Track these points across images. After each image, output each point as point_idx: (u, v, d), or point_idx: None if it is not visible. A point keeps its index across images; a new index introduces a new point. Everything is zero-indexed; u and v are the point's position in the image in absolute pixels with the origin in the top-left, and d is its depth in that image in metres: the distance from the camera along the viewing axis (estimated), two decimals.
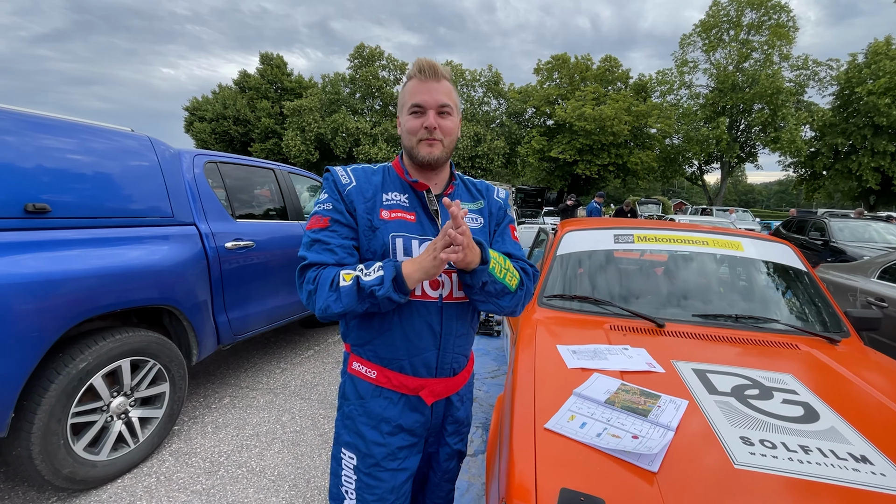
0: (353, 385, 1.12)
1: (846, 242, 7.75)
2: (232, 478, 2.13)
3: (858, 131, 21.85)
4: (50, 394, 1.78)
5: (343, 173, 1.07)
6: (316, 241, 1.02)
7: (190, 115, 33.74)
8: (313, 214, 1.05)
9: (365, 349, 1.09)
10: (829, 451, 1.03)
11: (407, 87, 1.05)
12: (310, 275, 0.99)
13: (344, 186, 1.05)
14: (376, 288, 0.93)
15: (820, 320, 1.93)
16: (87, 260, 1.93)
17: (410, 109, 1.03)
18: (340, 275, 0.95)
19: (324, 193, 1.06)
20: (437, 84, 1.03)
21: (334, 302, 0.94)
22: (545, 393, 1.29)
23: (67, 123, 2.05)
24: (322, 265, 1.00)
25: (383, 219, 1.04)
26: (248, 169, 3.26)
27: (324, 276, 0.97)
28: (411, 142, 1.04)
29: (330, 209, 1.04)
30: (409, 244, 1.04)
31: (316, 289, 0.97)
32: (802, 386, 1.35)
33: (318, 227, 1.03)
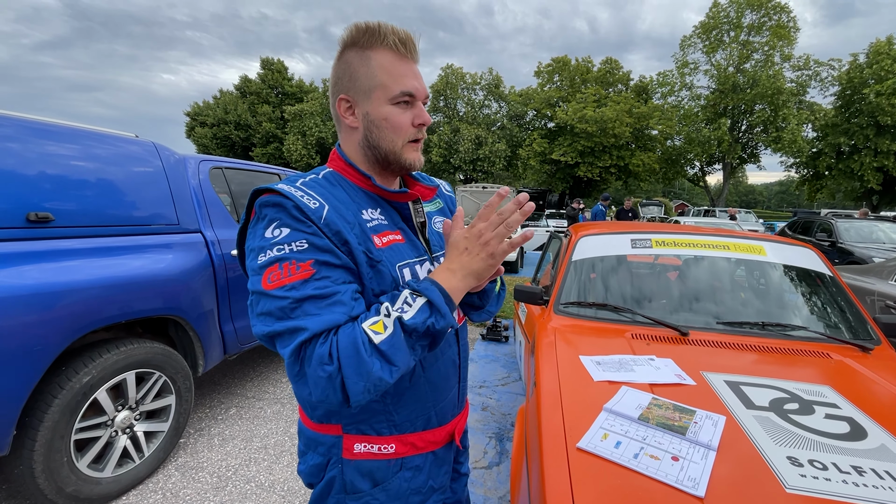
0: (358, 473, 0.81)
1: (853, 243, 7.68)
2: (241, 493, 2.07)
3: (861, 131, 21.80)
4: (53, 409, 1.72)
5: (302, 193, 0.70)
6: (303, 299, 0.64)
7: (191, 121, 33.85)
8: (271, 263, 0.66)
9: (373, 423, 0.81)
10: (885, 473, 0.97)
11: (380, 64, 0.74)
12: (320, 351, 0.63)
13: (317, 213, 0.69)
14: (431, 321, 0.66)
15: (849, 327, 1.87)
16: (90, 270, 1.87)
17: (397, 98, 0.75)
18: (365, 330, 0.64)
19: (278, 228, 0.68)
20: (417, 66, 0.79)
21: (382, 369, 0.63)
22: (573, 408, 1.23)
23: (70, 129, 2.00)
24: (332, 330, 0.65)
25: (381, 247, 0.77)
26: (254, 174, 3.20)
27: (344, 343, 0.63)
28: (395, 144, 0.77)
29: (306, 249, 0.67)
30: (415, 273, 0.80)
31: (340, 367, 0.62)
32: (843, 399, 1.29)
33: (296, 279, 0.65)
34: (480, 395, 3.19)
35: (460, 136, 26.89)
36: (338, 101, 0.78)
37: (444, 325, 0.68)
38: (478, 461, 2.37)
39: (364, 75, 0.75)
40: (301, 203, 0.69)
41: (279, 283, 0.65)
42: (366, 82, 0.75)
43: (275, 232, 0.68)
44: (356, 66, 0.75)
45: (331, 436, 0.82)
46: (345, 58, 0.77)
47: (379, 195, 0.82)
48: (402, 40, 0.75)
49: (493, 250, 0.70)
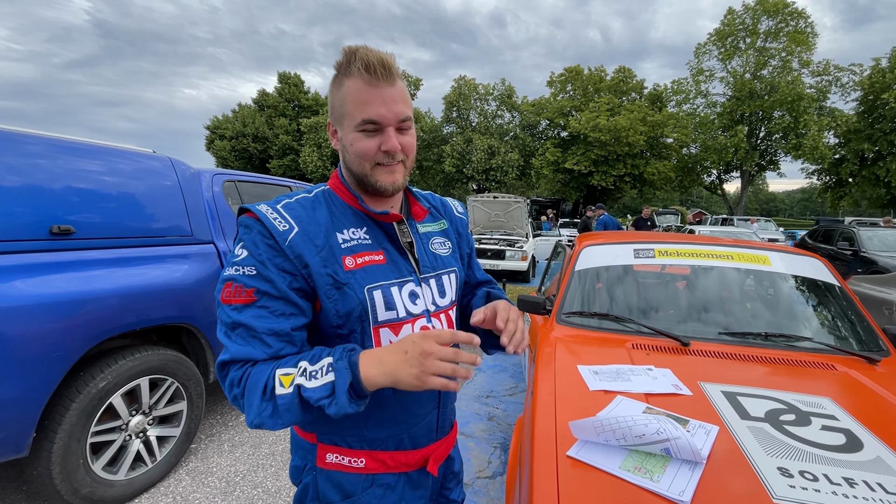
0: (329, 483, 0.84)
1: (877, 252, 7.46)
2: (248, 498, 2.11)
3: (885, 137, 21.21)
4: (71, 413, 1.79)
5: (276, 215, 0.76)
6: (238, 324, 0.71)
7: (211, 134, 34.83)
8: (226, 280, 0.73)
9: (344, 435, 0.83)
10: (877, 485, 0.96)
11: (349, 91, 0.76)
12: (234, 374, 0.71)
13: (283, 235, 0.74)
14: (325, 402, 0.67)
15: (856, 338, 1.83)
16: (109, 279, 1.96)
17: (360, 126, 0.76)
18: (276, 377, 0.68)
19: (241, 248, 0.74)
20: (391, 89, 0.77)
21: (269, 417, 0.68)
22: (566, 417, 1.24)
23: (90, 146, 2.11)
24: (249, 361, 0.72)
25: (350, 269, 0.78)
26: (266, 187, 3.30)
27: (253, 379, 0.69)
28: (363, 167, 0.79)
29: (254, 275, 0.72)
30: (389, 295, 0.81)
31: (244, 393, 0.69)
32: (842, 410, 1.27)
33: (238, 301, 0.72)
34: (487, 405, 3.20)
35: (473, 146, 27.04)
36: (329, 129, 0.84)
37: (335, 412, 0.67)
38: (482, 471, 2.38)
39: (338, 102, 0.79)
40: (270, 226, 0.74)
41: (228, 300, 0.73)
42: (339, 109, 0.79)
43: (239, 251, 0.75)
44: (334, 93, 0.79)
45: (308, 442, 0.87)
46: (333, 85, 0.80)
47: (366, 214, 0.84)
48: (368, 66, 0.74)
49: (426, 372, 0.66)
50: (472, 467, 2.40)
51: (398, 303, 0.82)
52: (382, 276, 0.81)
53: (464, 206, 1.11)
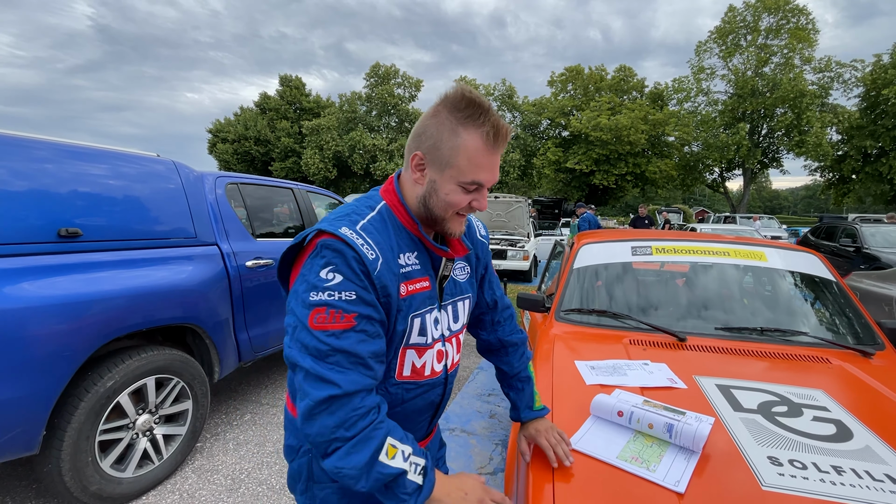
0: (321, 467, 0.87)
1: (880, 249, 7.45)
2: (253, 495, 2.15)
3: (888, 133, 21.15)
4: (79, 412, 1.83)
5: (362, 242, 0.75)
6: (338, 350, 0.71)
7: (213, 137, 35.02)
8: (320, 304, 0.71)
9: None
10: (864, 472, 0.98)
11: (466, 145, 0.76)
12: (343, 415, 0.69)
13: (373, 264, 0.75)
14: (403, 494, 0.72)
15: (852, 332, 1.85)
16: (116, 281, 2.00)
17: (467, 184, 0.79)
18: (386, 445, 0.71)
19: (333, 273, 0.72)
20: (499, 156, 0.81)
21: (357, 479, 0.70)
22: (563, 410, 1.27)
23: (96, 151, 2.15)
24: (361, 392, 0.72)
25: (403, 296, 0.81)
26: (268, 189, 3.35)
27: (370, 432, 0.71)
28: (445, 214, 0.82)
29: (353, 300, 0.72)
30: (424, 322, 0.85)
31: (354, 443, 0.70)
32: (834, 402, 1.30)
33: (337, 327, 0.71)
34: (489, 403, 3.23)
35: None
36: (412, 155, 0.82)
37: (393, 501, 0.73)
38: (483, 467, 2.41)
39: (447, 148, 0.78)
40: (362, 254, 0.74)
41: (322, 326, 0.71)
42: (446, 155, 0.78)
43: (329, 275, 0.72)
44: (443, 136, 0.78)
45: None
46: (439, 118, 0.78)
47: (421, 241, 0.86)
48: (497, 134, 0.77)
49: None
50: (474, 464, 2.43)
51: (429, 329, 0.87)
52: (423, 305, 0.86)
53: (486, 228, 1.13)
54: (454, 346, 0.96)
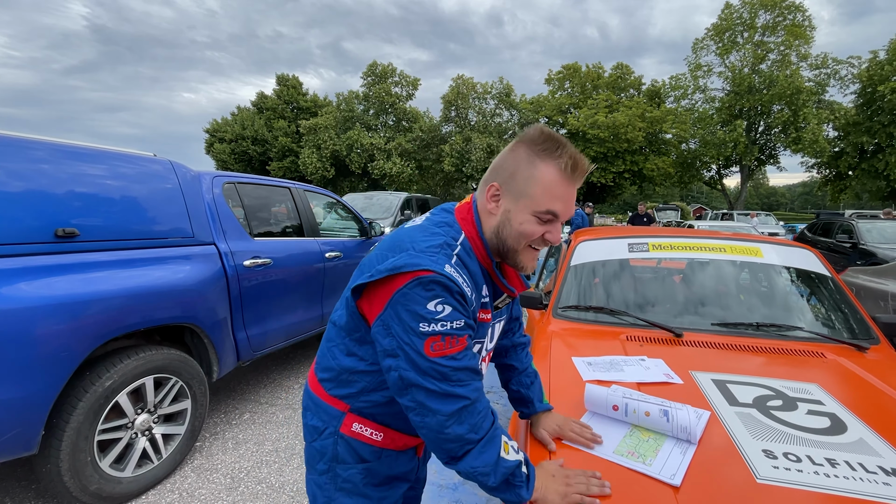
0: (349, 448, 0.95)
1: (876, 244, 7.48)
2: (252, 494, 2.15)
3: (884, 129, 21.20)
4: (78, 411, 1.83)
5: (461, 279, 0.82)
6: (460, 369, 0.80)
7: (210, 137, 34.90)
8: (434, 334, 0.78)
9: (375, 415, 0.96)
10: (858, 465, 0.99)
11: (543, 176, 0.82)
12: (471, 421, 0.80)
13: (470, 301, 0.84)
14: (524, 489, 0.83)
15: (847, 327, 1.87)
16: (113, 281, 2.00)
17: (542, 214, 0.83)
18: (503, 441, 0.83)
19: (442, 305, 0.79)
20: (575, 189, 0.85)
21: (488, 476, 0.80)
22: (560, 407, 1.28)
23: (93, 151, 2.15)
24: (481, 397, 0.83)
25: (479, 322, 0.91)
26: (265, 188, 3.34)
27: (493, 433, 0.82)
28: (518, 244, 0.86)
29: (462, 326, 0.81)
30: (479, 346, 0.95)
31: (483, 444, 0.80)
32: (828, 396, 1.31)
33: (455, 351, 0.80)
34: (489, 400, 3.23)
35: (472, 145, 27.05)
36: (488, 186, 0.88)
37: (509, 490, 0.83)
38: None
39: (523, 179, 0.83)
40: (463, 290, 0.81)
41: (441, 353, 0.79)
42: (522, 186, 0.84)
43: (438, 307, 0.79)
44: (520, 167, 0.84)
45: (336, 409, 0.96)
46: (517, 152, 0.85)
47: (492, 277, 0.93)
48: (576, 167, 0.82)
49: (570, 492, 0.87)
50: None
51: (481, 351, 0.97)
52: (483, 334, 0.95)
53: None
54: (486, 363, 1.06)
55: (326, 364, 0.99)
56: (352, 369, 0.94)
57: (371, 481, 0.97)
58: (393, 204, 9.34)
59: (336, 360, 0.97)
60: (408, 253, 0.82)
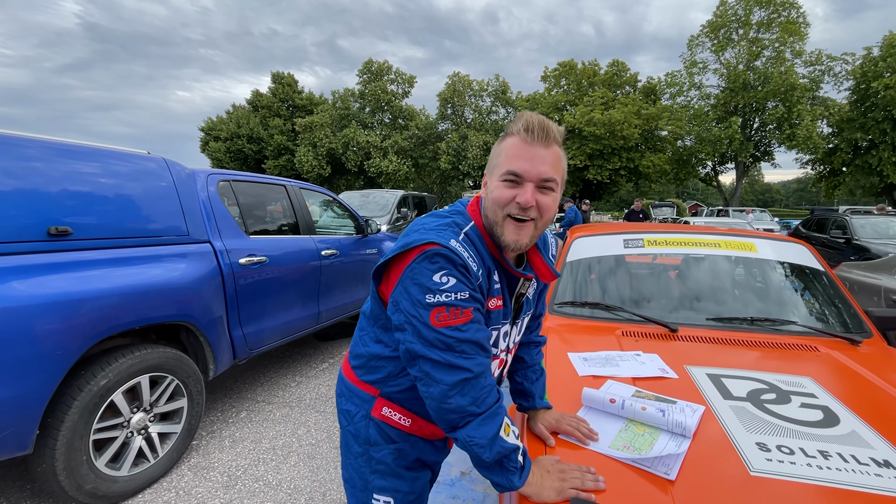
0: (380, 430, 1.01)
1: (869, 240, 7.53)
2: (249, 491, 2.15)
3: (877, 125, 21.33)
4: (73, 411, 1.83)
5: (466, 254, 0.85)
6: (464, 341, 0.81)
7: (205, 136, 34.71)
8: (439, 305, 0.81)
9: (403, 400, 1.01)
10: (850, 457, 1.00)
11: (506, 145, 0.88)
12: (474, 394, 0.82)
13: (475, 275, 0.86)
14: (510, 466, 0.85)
15: (840, 321, 1.88)
16: (107, 279, 1.99)
17: (504, 176, 0.86)
18: (504, 423, 0.85)
19: (446, 277, 0.82)
20: (544, 150, 0.85)
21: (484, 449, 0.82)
22: (556, 402, 1.28)
23: (86, 149, 2.13)
24: (485, 372, 0.84)
25: (489, 309, 0.93)
26: (261, 186, 3.33)
27: (496, 409, 0.84)
28: (496, 215, 0.88)
29: (467, 298, 0.82)
30: (497, 337, 0.98)
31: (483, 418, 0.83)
32: (822, 389, 1.32)
33: (460, 322, 0.81)
34: None
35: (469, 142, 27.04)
36: (483, 176, 0.96)
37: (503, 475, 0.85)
38: None
39: (495, 155, 0.91)
40: (467, 263, 0.84)
41: (446, 323, 0.81)
42: (494, 161, 0.90)
43: (443, 279, 0.82)
44: (495, 148, 0.92)
45: (368, 394, 1.03)
46: (498, 141, 0.92)
47: (502, 263, 0.94)
48: (528, 127, 0.85)
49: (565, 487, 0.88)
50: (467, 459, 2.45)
51: (500, 342, 1.00)
52: (497, 321, 0.96)
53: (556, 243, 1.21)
54: (512, 353, 1.09)
55: (357, 352, 1.05)
56: (379, 355, 1.00)
57: (402, 463, 1.02)
58: (389, 202, 9.32)
59: (366, 348, 1.03)
60: (418, 232, 0.88)
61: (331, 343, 4.53)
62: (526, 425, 1.19)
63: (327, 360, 4.05)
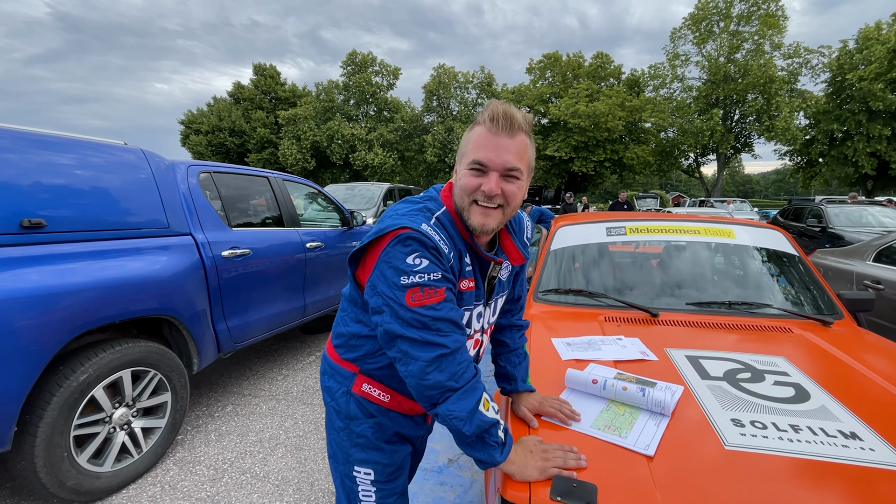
0: (359, 405, 1.06)
1: (843, 228, 7.75)
2: (236, 484, 2.15)
3: (853, 117, 21.89)
4: (52, 406, 1.79)
5: (439, 238, 0.89)
6: (439, 319, 0.85)
7: (186, 129, 33.88)
8: (413, 286, 0.84)
9: (382, 377, 1.05)
10: (819, 430, 1.05)
11: (473, 135, 0.91)
12: (451, 369, 0.85)
13: (446, 256, 0.89)
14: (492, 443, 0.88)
15: (813, 303, 1.95)
16: (84, 273, 1.95)
17: (470, 165, 0.89)
18: (483, 398, 0.88)
19: (418, 258, 0.85)
20: (509, 140, 0.88)
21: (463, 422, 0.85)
22: (540, 385, 1.30)
23: (60, 139, 2.07)
24: (461, 349, 0.88)
25: (461, 290, 0.97)
26: (243, 178, 3.28)
27: (474, 384, 0.88)
28: (463, 202, 0.92)
29: (439, 279, 0.86)
30: (470, 317, 1.01)
31: (462, 392, 0.86)
32: (794, 368, 1.37)
33: (433, 301, 0.85)
34: None
35: (455, 135, 26.95)
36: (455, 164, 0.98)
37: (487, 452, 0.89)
38: None
39: (464, 143, 0.94)
40: (438, 245, 0.88)
41: (420, 303, 0.85)
42: (463, 149, 0.94)
43: (416, 261, 0.86)
44: (464, 136, 0.95)
45: (348, 371, 1.07)
46: (467, 130, 0.95)
47: (472, 247, 0.98)
48: (492, 117, 0.87)
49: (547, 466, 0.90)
50: (454, 447, 2.47)
51: (473, 323, 1.03)
52: (470, 302, 1.00)
53: (533, 226, 1.22)
54: (487, 334, 1.13)
55: (339, 331, 1.09)
56: (358, 334, 1.04)
57: (381, 436, 1.06)
58: (375, 195, 9.25)
59: (347, 327, 1.07)
60: (391, 218, 0.91)
61: (317, 336, 4.51)
62: (510, 408, 1.21)
63: (314, 353, 4.03)
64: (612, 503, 0.85)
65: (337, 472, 1.11)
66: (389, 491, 1.10)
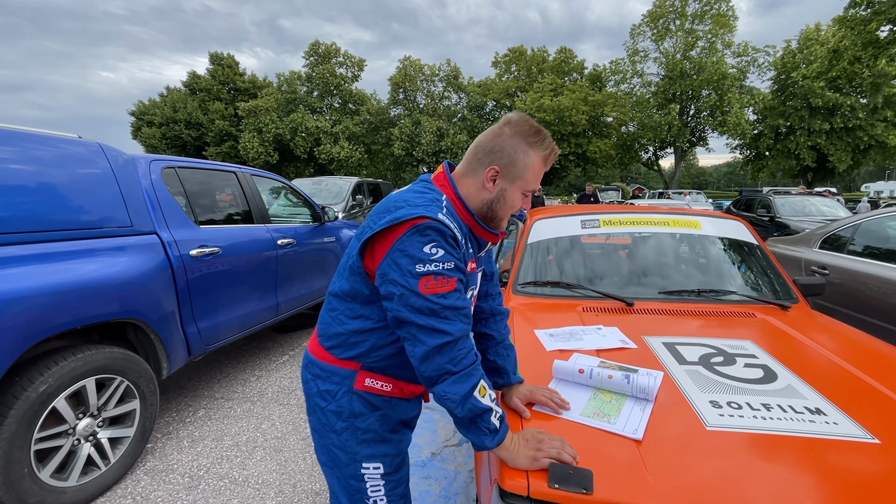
0: (363, 401, 1.06)
1: (789, 217, 8.30)
2: (214, 490, 2.08)
3: (796, 113, 23.37)
4: (9, 421, 1.67)
5: (453, 226, 0.94)
6: (448, 307, 0.91)
7: (137, 121, 32.02)
8: (427, 274, 0.89)
9: (384, 368, 1.07)
10: (788, 407, 1.13)
11: (534, 163, 1.02)
12: (451, 354, 0.91)
13: (462, 245, 0.96)
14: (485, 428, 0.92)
15: (772, 289, 2.08)
16: (35, 277, 1.81)
17: (527, 192, 1.05)
18: (480, 385, 0.93)
19: (435, 248, 0.90)
20: None
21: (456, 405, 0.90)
22: (527, 376, 1.33)
23: (3, 131, 1.91)
24: (464, 337, 0.93)
25: (469, 272, 1.04)
26: (209, 173, 3.14)
27: (472, 370, 0.92)
28: (506, 214, 1.06)
29: (453, 268, 0.92)
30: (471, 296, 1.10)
31: (458, 376, 0.91)
32: (761, 350, 1.46)
33: (445, 290, 0.90)
34: None
35: (422, 128, 26.80)
36: (489, 168, 1.01)
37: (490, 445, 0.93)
38: (448, 440, 2.48)
39: (521, 165, 1.01)
40: (455, 234, 0.94)
41: (433, 291, 0.90)
42: (519, 171, 1.01)
43: (432, 250, 0.90)
44: (518, 155, 1.00)
45: (347, 370, 1.06)
46: (513, 140, 1.00)
47: (475, 233, 1.05)
48: (551, 155, 1.04)
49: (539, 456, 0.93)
50: (440, 438, 2.50)
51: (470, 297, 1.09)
52: (475, 282, 1.10)
53: None
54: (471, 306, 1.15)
55: (333, 332, 1.07)
56: (359, 330, 1.04)
57: (387, 427, 1.09)
58: (343, 189, 9.07)
59: (343, 326, 1.05)
60: (404, 208, 0.93)
61: (290, 335, 4.40)
62: (501, 401, 1.23)
63: (287, 352, 3.94)
64: (607, 487, 0.88)
65: (336, 477, 1.09)
66: (397, 481, 1.11)
